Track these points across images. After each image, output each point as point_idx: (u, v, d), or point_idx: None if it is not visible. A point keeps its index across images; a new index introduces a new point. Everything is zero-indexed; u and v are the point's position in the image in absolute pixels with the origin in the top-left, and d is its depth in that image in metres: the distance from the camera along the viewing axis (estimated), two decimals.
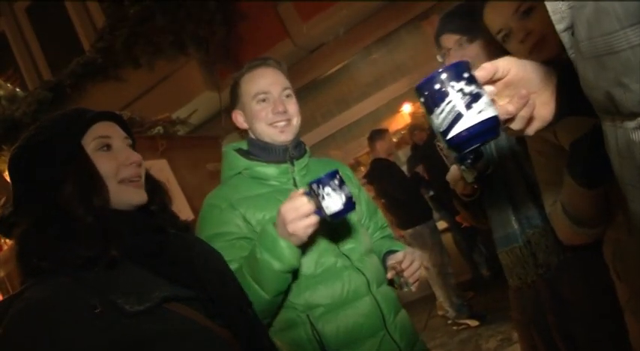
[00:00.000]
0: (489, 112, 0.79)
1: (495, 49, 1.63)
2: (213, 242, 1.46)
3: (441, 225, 5.59)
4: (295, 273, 1.50)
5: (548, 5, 0.75)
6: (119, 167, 1.16)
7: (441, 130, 0.82)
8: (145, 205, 1.21)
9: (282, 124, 1.64)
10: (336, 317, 1.51)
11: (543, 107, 0.89)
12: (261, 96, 1.64)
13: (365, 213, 1.79)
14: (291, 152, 1.66)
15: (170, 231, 1.24)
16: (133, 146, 1.28)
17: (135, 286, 1.02)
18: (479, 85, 0.81)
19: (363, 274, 1.58)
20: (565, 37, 0.75)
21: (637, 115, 0.68)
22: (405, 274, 1.55)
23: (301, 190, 1.36)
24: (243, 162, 1.65)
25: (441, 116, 0.81)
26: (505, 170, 1.60)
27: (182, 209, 3.99)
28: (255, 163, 1.64)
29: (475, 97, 0.79)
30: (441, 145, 1.70)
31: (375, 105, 6.81)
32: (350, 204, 1.32)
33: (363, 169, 5.43)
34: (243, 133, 1.76)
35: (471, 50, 1.62)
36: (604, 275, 1.39)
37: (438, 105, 0.80)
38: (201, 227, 1.59)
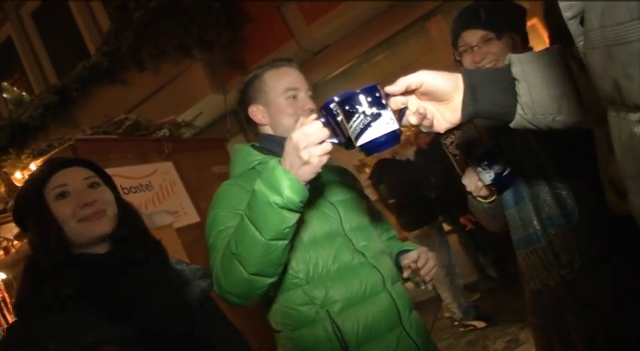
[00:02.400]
0: (387, 128, 1.01)
1: (522, 46, 1.61)
2: (222, 217, 1.49)
3: (445, 227, 5.57)
4: (313, 269, 1.51)
5: None
6: (75, 210, 1.32)
7: (352, 138, 1.06)
8: (112, 234, 1.38)
9: None
10: (356, 313, 1.51)
11: (452, 113, 1.03)
12: (292, 92, 1.67)
13: (370, 216, 1.79)
14: None
15: (135, 259, 1.38)
16: (107, 179, 1.47)
17: (72, 331, 1.15)
18: (381, 105, 1.02)
19: (379, 270, 1.60)
20: (572, 25, 0.76)
21: None
22: (422, 272, 1.61)
23: (313, 116, 1.22)
24: (258, 156, 1.65)
25: (351, 129, 1.05)
26: (525, 169, 1.57)
27: (188, 212, 4.00)
28: (271, 157, 1.61)
29: (375, 117, 1.01)
30: (447, 142, 1.69)
31: None
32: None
33: (368, 171, 5.42)
34: (252, 131, 1.77)
35: (497, 47, 1.59)
36: (627, 276, 1.37)
37: (348, 121, 1.04)
38: (212, 207, 1.56)
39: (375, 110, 1.02)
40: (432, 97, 1.03)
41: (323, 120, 1.19)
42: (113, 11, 6.80)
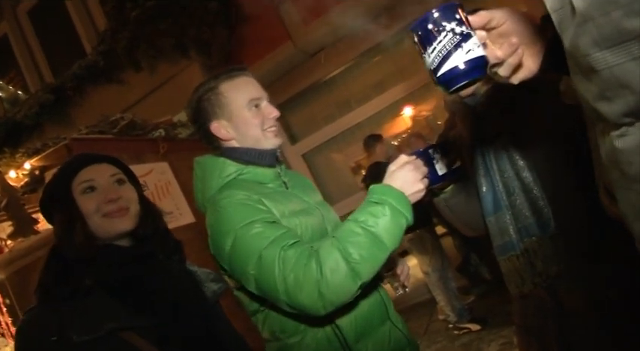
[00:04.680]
0: (477, 52, 0.85)
1: None
2: (249, 230, 1.41)
3: (440, 230, 5.57)
4: None
5: (553, 20, 0.78)
6: (99, 205, 1.36)
7: (432, 68, 0.88)
8: (134, 230, 1.41)
9: (275, 127, 1.63)
10: (351, 308, 1.51)
11: (531, 59, 0.94)
12: (256, 102, 1.61)
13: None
14: (279, 157, 1.69)
15: (157, 255, 1.42)
16: (132, 177, 1.52)
17: (94, 317, 1.20)
18: (469, 26, 0.86)
19: None
20: None
21: (620, 125, 0.72)
22: (402, 279, 1.68)
23: (412, 157, 1.47)
24: (235, 166, 1.59)
25: (432, 55, 0.87)
26: (505, 178, 1.59)
27: (183, 212, 3.99)
28: (252, 167, 1.60)
29: (465, 38, 0.85)
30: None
31: (377, 108, 6.82)
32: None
33: (364, 173, 5.43)
34: (211, 146, 1.71)
35: None
36: (603, 284, 1.38)
37: (430, 44, 0.87)
38: (229, 222, 1.45)
39: (465, 29, 0.86)
40: (508, 40, 0.92)
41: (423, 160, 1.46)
42: (110, 10, 6.79)
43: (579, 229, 1.43)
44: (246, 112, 1.60)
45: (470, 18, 0.88)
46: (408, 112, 7.13)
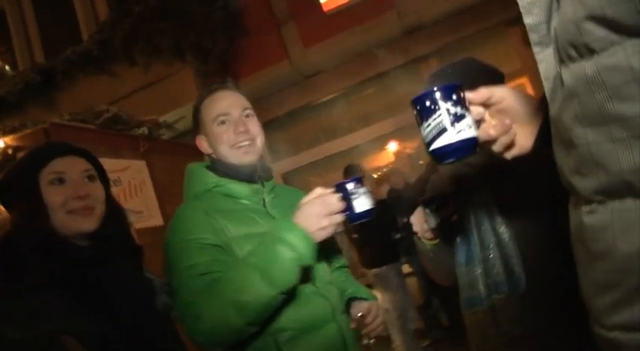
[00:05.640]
0: (469, 133, 0.91)
1: None
2: (181, 247, 1.45)
3: (405, 269, 5.56)
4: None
5: (545, 87, 0.80)
6: (67, 199, 1.30)
7: (426, 141, 0.94)
8: (97, 231, 1.35)
9: (246, 143, 1.63)
10: (304, 342, 1.48)
11: (525, 138, 0.97)
12: (221, 118, 1.63)
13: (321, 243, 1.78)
14: (260, 173, 1.66)
15: (114, 259, 1.36)
16: (102, 174, 1.46)
17: (33, 317, 1.13)
18: (465, 107, 0.92)
19: (329, 300, 1.57)
20: None
21: (591, 201, 0.74)
22: (370, 327, 1.61)
23: (329, 190, 1.42)
24: (214, 178, 1.62)
25: (427, 129, 0.93)
26: (480, 232, 1.59)
27: (153, 214, 3.93)
28: (228, 180, 1.62)
29: (459, 118, 0.91)
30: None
31: (362, 139, 6.85)
32: (374, 209, 1.46)
33: None
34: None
35: None
36: (569, 348, 1.38)
37: (426, 119, 0.93)
38: (172, 233, 1.52)
39: (459, 110, 0.92)
40: (505, 117, 0.97)
41: (340, 194, 1.41)
42: (113, 1, 6.77)
43: (550, 292, 1.43)
44: (215, 128, 1.64)
45: (469, 95, 0.94)
46: (392, 147, 7.18)
